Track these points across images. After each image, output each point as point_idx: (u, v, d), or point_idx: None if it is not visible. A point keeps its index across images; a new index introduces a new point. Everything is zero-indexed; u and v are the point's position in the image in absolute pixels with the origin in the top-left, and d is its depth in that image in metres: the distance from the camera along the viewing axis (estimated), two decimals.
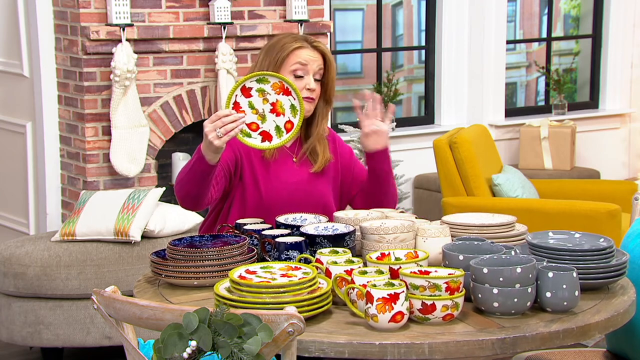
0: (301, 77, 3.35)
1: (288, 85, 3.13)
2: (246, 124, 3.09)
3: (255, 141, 3.13)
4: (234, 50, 5.51)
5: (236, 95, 3.09)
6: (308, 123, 3.43)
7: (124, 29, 5.17)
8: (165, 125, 5.46)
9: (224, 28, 5.47)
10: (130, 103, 5.23)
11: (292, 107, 3.15)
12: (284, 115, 3.15)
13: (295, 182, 3.36)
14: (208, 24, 5.47)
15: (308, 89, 3.35)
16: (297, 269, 2.65)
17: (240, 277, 2.57)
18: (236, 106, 3.09)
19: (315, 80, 3.38)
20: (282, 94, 3.14)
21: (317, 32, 5.77)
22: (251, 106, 3.11)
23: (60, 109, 5.45)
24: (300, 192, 3.36)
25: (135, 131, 5.27)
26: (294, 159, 3.41)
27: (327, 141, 3.46)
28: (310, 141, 3.42)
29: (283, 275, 2.60)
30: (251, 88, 3.11)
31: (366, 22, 7.19)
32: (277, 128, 3.15)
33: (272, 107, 3.13)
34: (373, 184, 3.45)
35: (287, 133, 3.15)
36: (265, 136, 3.14)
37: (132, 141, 5.26)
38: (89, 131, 5.26)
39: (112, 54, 5.16)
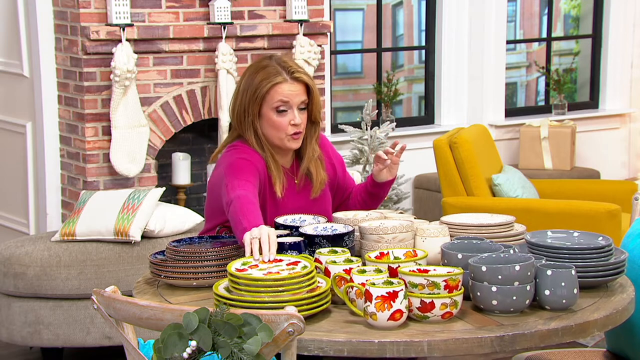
0: (284, 111, 3.25)
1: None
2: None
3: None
4: (234, 50, 5.51)
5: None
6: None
7: (124, 29, 5.17)
8: (165, 125, 5.46)
9: (224, 28, 5.47)
10: (130, 103, 5.23)
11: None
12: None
13: (297, 208, 3.30)
14: (208, 24, 5.47)
15: (293, 125, 3.25)
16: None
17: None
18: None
19: (300, 109, 3.28)
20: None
21: (317, 32, 5.77)
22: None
23: (60, 109, 5.45)
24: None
25: (135, 131, 5.27)
26: (296, 181, 3.37)
27: (320, 161, 3.39)
28: (303, 165, 3.35)
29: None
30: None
31: (366, 22, 7.19)
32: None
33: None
34: (367, 200, 3.47)
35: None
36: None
37: (132, 141, 5.26)
38: (89, 131, 5.26)
39: (112, 54, 5.16)
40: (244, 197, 3.02)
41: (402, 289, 2.43)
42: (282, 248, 2.83)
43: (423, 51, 7.14)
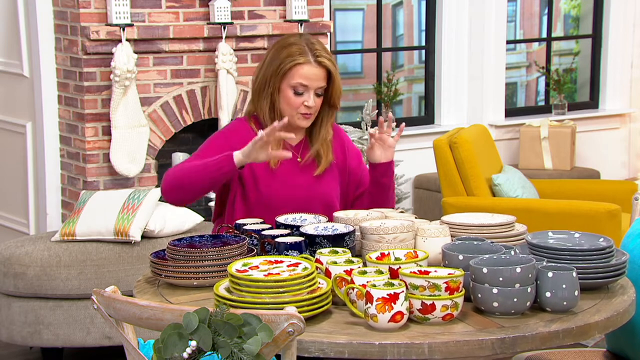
0: (301, 94, 3.32)
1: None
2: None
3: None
4: (234, 50, 5.51)
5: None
6: (312, 126, 3.44)
7: (124, 29, 5.17)
8: (165, 125, 5.46)
9: (224, 28, 5.47)
10: (130, 103, 5.23)
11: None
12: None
13: (298, 185, 3.36)
14: (208, 24, 5.47)
15: (306, 106, 3.33)
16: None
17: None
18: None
19: (317, 94, 3.35)
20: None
21: (317, 32, 5.77)
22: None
23: (60, 109, 5.45)
24: (303, 193, 3.35)
25: (135, 131, 5.27)
26: (299, 159, 3.41)
27: (331, 143, 3.46)
28: (315, 146, 3.41)
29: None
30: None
31: (366, 22, 7.19)
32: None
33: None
34: (374, 192, 3.47)
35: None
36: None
37: (132, 141, 5.26)
38: (89, 131, 5.26)
39: (112, 54, 5.16)
40: (192, 163, 3.26)
41: (403, 291, 2.43)
42: (282, 248, 2.83)
43: (423, 51, 7.14)
